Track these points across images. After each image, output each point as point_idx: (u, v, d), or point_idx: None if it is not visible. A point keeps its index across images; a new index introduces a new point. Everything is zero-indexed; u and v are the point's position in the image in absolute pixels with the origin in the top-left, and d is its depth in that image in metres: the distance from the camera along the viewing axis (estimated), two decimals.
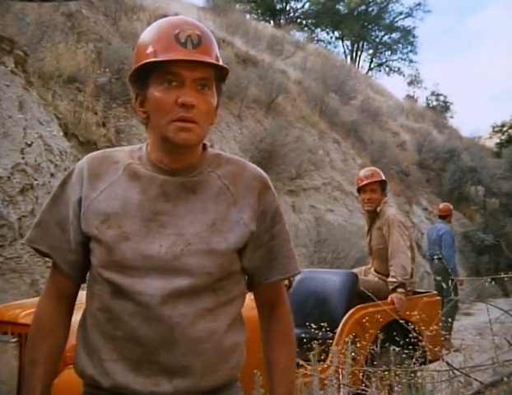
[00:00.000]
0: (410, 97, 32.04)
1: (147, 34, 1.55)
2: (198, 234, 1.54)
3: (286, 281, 4.27)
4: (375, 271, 5.02)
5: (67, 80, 8.44)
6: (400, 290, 4.56)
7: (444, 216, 9.41)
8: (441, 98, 34.95)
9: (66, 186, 1.62)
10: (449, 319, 5.92)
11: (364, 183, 5.00)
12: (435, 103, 34.46)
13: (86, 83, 8.63)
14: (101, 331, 1.53)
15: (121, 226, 1.51)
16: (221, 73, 1.62)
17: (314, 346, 2.54)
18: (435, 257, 8.88)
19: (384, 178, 5.09)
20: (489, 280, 2.56)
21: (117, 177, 1.56)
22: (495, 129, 32.06)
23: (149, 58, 1.49)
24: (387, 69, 38.83)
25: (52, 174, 6.57)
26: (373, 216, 5.04)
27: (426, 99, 34.97)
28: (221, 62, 1.59)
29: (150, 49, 1.50)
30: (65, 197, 1.60)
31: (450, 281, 7.70)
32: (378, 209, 4.96)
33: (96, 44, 9.84)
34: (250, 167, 1.65)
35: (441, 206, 9.88)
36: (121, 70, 9.35)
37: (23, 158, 6.23)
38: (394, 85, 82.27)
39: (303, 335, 3.50)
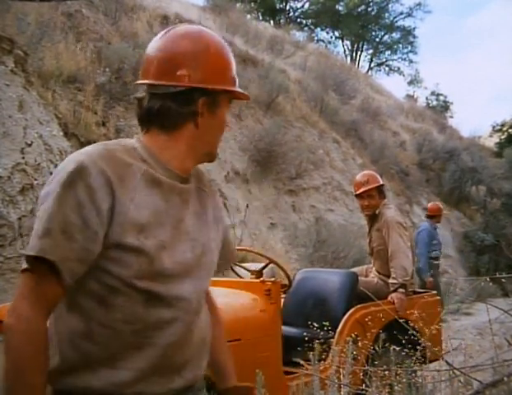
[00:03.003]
0: (410, 97, 32.05)
1: (218, 53, 1.63)
2: (205, 235, 1.66)
3: (286, 281, 4.28)
4: (377, 271, 5.02)
5: (66, 79, 8.44)
6: (401, 290, 4.57)
7: (432, 216, 9.04)
8: (441, 98, 34.99)
9: (76, 189, 1.44)
10: None
11: (361, 190, 4.99)
12: (434, 103, 34.47)
13: (85, 83, 8.64)
14: (125, 342, 1.49)
15: (156, 236, 1.51)
16: None
17: (315, 345, 2.55)
18: None
19: (381, 181, 5.07)
20: (487, 280, 2.57)
21: (137, 182, 1.51)
22: (495, 129, 32.08)
23: (232, 82, 1.67)
24: (387, 69, 38.83)
25: (52, 174, 6.57)
26: (372, 218, 5.04)
27: (426, 98, 35.01)
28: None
29: (233, 74, 1.67)
30: (75, 201, 1.43)
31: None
32: (377, 211, 4.97)
33: (96, 44, 9.84)
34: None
35: (430, 205, 9.51)
36: (121, 70, 9.36)
37: (23, 158, 6.23)
38: (394, 85, 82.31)
39: (303, 334, 3.51)
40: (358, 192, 5.02)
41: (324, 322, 3.39)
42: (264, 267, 4.14)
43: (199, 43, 1.60)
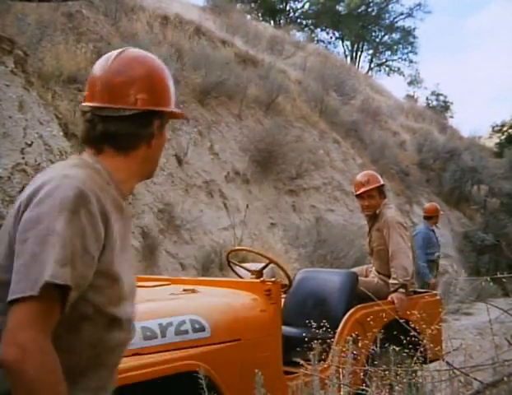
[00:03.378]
0: (410, 97, 32.02)
1: (167, 78, 1.73)
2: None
3: (286, 281, 4.28)
4: (377, 271, 5.02)
5: (67, 80, 8.44)
6: (401, 290, 4.57)
7: (429, 217, 8.72)
8: (441, 98, 34.91)
9: (80, 215, 1.41)
10: None
11: (361, 190, 4.97)
12: (435, 103, 34.41)
13: (85, 83, 8.61)
14: (84, 364, 1.49)
15: (122, 261, 1.54)
16: None
17: (314, 345, 2.54)
18: None
19: (381, 181, 5.05)
20: (487, 279, 2.57)
21: (110, 209, 1.51)
22: (495, 129, 32.04)
23: (173, 105, 1.72)
24: (387, 69, 38.77)
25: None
26: (373, 218, 5.03)
27: (426, 99, 34.94)
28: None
29: (173, 97, 1.73)
30: (79, 227, 1.40)
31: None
32: (377, 211, 4.96)
33: (96, 44, 9.84)
34: None
35: (427, 205, 9.21)
36: None
37: (23, 158, 6.23)
38: (394, 85, 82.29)
39: (303, 335, 3.51)
40: (358, 193, 5.01)
41: (324, 323, 3.39)
42: (264, 267, 4.14)
43: (149, 67, 1.67)
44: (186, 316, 2.98)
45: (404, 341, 2.76)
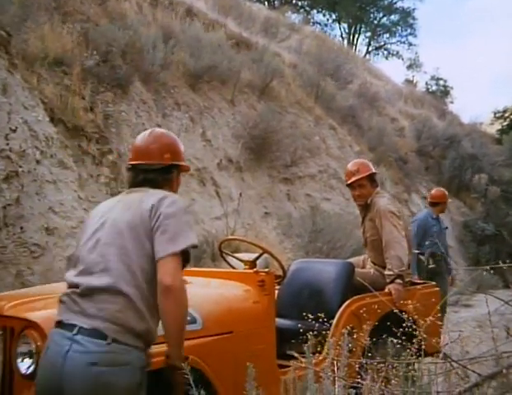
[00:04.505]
0: (409, 82, 32.06)
1: (180, 144, 2.99)
2: None
3: (280, 272, 4.31)
4: (372, 262, 5.03)
5: (52, 62, 8.39)
6: (398, 280, 4.58)
7: (435, 204, 7.96)
8: (441, 82, 34.99)
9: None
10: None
11: (352, 180, 4.98)
12: (434, 88, 34.50)
13: (72, 66, 8.58)
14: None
15: None
16: None
17: (309, 337, 2.56)
18: None
19: (372, 170, 5.05)
20: (487, 269, 2.59)
21: None
22: (497, 115, 32.10)
23: (184, 161, 2.96)
24: (385, 52, 38.77)
25: (37, 161, 6.56)
26: (365, 207, 5.04)
27: (426, 83, 35.03)
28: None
29: (183, 156, 2.97)
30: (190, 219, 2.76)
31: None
32: (369, 200, 4.96)
33: (83, 25, 9.77)
34: None
35: (433, 191, 8.35)
36: (109, 53, 9.31)
37: (7, 144, 6.21)
38: (393, 70, 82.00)
39: (298, 327, 3.52)
40: (349, 182, 5.02)
41: (319, 314, 3.41)
42: (258, 258, 4.16)
43: (170, 138, 2.95)
44: None
45: (399, 334, 2.78)
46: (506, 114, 31.71)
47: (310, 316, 3.41)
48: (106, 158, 8.33)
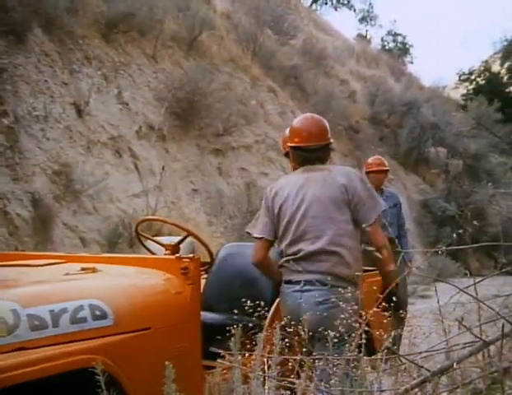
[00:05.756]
0: (362, 37, 32.39)
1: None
2: None
3: (208, 258, 4.33)
4: None
5: None
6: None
7: (368, 173, 7.65)
8: (399, 39, 35.47)
9: None
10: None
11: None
12: (391, 45, 34.98)
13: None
14: None
15: None
16: None
17: (235, 332, 2.60)
18: None
19: None
20: (442, 251, 2.69)
21: None
22: (462, 78, 32.84)
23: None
24: (334, 2, 38.96)
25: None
26: None
27: (381, 40, 35.46)
28: None
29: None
30: None
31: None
32: None
33: None
34: None
35: (369, 159, 7.94)
36: None
37: None
38: (343, 23, 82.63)
39: (228, 321, 3.56)
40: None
41: (253, 306, 3.45)
42: (181, 241, 4.17)
43: (324, 120, 4.10)
44: (84, 301, 2.97)
45: (341, 327, 2.86)
46: (473, 77, 32.46)
47: (243, 309, 3.44)
48: (0, 122, 8.15)
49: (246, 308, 3.39)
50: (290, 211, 3.79)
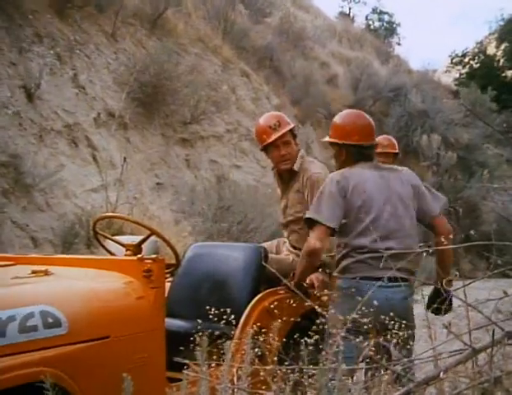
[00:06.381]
0: (344, 15, 32.47)
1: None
2: None
3: (173, 259, 4.33)
4: (292, 246, 5.11)
5: None
6: (321, 269, 4.68)
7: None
8: (385, 17, 35.61)
9: None
10: None
11: (274, 137, 4.97)
12: (376, 24, 35.12)
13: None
14: None
15: None
16: None
17: (200, 341, 2.61)
18: None
19: (291, 123, 5.10)
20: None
21: None
22: (454, 60, 33.00)
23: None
24: None
25: None
26: (289, 175, 5.09)
27: (366, 18, 35.58)
28: None
29: None
30: None
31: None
32: (296, 167, 5.00)
33: None
34: None
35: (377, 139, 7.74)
36: None
37: None
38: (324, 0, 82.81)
39: (195, 329, 3.57)
40: (270, 141, 5.02)
41: (224, 312, 3.46)
42: (143, 241, 4.16)
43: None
44: (35, 307, 2.97)
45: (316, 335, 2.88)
46: (466, 59, 32.61)
47: (212, 315, 3.45)
48: None
49: (212, 315, 3.41)
50: (377, 207, 4.19)
